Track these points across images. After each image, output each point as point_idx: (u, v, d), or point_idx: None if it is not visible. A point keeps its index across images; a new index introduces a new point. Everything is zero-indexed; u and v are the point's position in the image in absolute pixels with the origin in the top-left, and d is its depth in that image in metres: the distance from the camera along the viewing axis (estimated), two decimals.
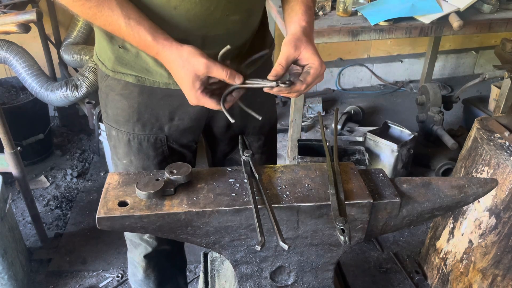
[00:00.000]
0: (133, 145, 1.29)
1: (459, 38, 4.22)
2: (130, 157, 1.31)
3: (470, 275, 1.98)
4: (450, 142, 2.83)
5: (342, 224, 0.93)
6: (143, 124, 1.26)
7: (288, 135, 2.82)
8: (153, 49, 1.00)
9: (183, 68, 0.99)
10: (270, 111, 1.46)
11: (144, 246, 1.45)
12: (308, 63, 1.04)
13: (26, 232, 2.52)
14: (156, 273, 1.54)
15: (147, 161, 1.31)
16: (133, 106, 1.23)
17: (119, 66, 1.19)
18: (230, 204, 0.99)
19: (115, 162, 1.37)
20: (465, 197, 1.11)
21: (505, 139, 1.82)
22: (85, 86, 2.62)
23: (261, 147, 1.46)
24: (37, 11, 2.07)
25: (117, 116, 1.27)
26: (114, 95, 1.24)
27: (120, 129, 1.28)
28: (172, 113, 1.25)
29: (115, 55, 1.18)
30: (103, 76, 1.25)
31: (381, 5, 2.44)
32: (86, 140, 3.35)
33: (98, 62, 1.26)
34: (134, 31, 0.98)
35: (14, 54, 2.53)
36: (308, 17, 1.11)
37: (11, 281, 2.02)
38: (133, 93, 1.21)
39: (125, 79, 1.20)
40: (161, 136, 1.28)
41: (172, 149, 1.32)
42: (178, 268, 1.68)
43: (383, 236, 2.54)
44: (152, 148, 1.29)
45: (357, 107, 3.57)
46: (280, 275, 1.17)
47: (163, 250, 1.48)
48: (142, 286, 1.58)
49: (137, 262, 1.51)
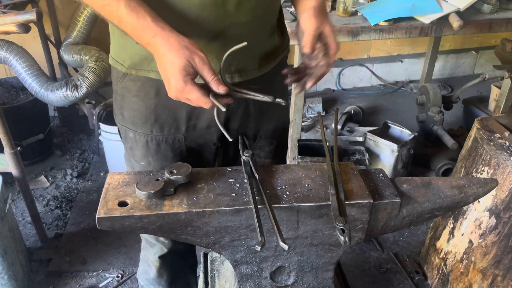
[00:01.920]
0: (151, 147, 1.28)
1: (459, 38, 4.22)
2: (148, 158, 1.30)
3: (470, 275, 1.98)
4: (450, 142, 2.83)
5: (342, 224, 0.93)
6: (160, 125, 1.25)
7: (288, 135, 2.81)
8: (150, 30, 0.96)
9: (178, 52, 0.95)
10: (282, 116, 1.45)
11: (160, 247, 1.44)
12: (327, 41, 1.08)
13: (26, 232, 2.52)
14: (169, 272, 1.53)
15: (165, 162, 1.29)
16: (150, 107, 1.22)
17: (141, 62, 1.17)
18: (230, 204, 0.99)
19: (132, 164, 1.36)
20: (465, 197, 1.11)
21: (505, 139, 1.82)
22: (85, 86, 2.62)
23: (272, 152, 1.44)
24: (37, 11, 2.07)
25: (134, 118, 1.25)
26: (131, 97, 1.23)
27: (137, 131, 1.27)
28: (189, 113, 1.23)
29: (136, 50, 1.14)
30: (119, 78, 1.23)
31: (381, 5, 2.44)
32: (86, 140, 3.35)
33: (115, 63, 1.24)
34: (133, 11, 0.95)
35: (14, 54, 2.53)
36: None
37: (11, 281, 2.02)
38: (150, 94, 1.20)
39: (147, 75, 1.18)
40: (179, 137, 1.27)
41: (190, 150, 1.31)
42: (190, 267, 1.67)
43: (383, 236, 2.54)
44: (171, 149, 1.28)
45: (357, 107, 3.57)
46: (280, 275, 1.17)
47: (177, 250, 1.47)
48: (153, 284, 1.57)
49: (151, 261, 1.50)
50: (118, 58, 1.23)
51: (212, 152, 1.36)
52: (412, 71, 4.29)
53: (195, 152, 1.32)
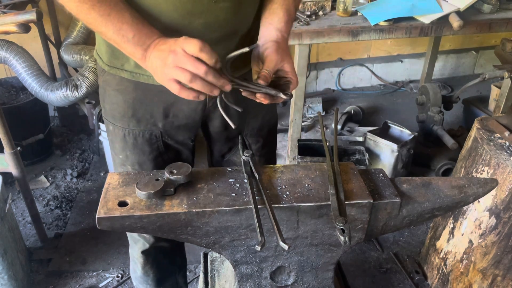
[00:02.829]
0: (128, 140, 1.30)
1: (459, 38, 4.22)
2: (126, 152, 1.32)
3: (470, 275, 1.98)
4: (450, 142, 2.83)
5: (342, 224, 0.93)
6: (137, 119, 1.26)
7: (288, 135, 2.82)
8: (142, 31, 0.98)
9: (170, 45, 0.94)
10: (269, 113, 1.45)
11: (142, 242, 1.46)
12: (287, 77, 1.06)
13: (26, 232, 2.52)
14: (154, 270, 1.54)
15: (142, 156, 1.31)
16: (128, 101, 1.24)
17: (114, 60, 1.20)
18: (230, 204, 0.99)
19: (113, 156, 1.39)
20: (465, 197, 1.11)
21: (505, 139, 1.82)
22: (85, 86, 2.62)
23: (259, 150, 1.46)
24: (37, 11, 2.07)
25: (113, 111, 1.28)
26: (111, 90, 1.26)
27: (116, 124, 1.30)
28: (166, 110, 1.25)
29: (111, 49, 1.18)
30: (101, 71, 1.27)
31: (381, 5, 2.44)
32: (86, 140, 3.35)
33: (97, 57, 1.27)
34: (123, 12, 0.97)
35: (14, 54, 2.53)
36: (289, 29, 1.13)
37: (11, 281, 2.02)
38: (128, 89, 1.22)
39: (120, 74, 1.21)
40: (156, 132, 1.29)
41: (167, 145, 1.32)
42: (178, 266, 1.68)
43: (383, 236, 2.54)
44: (147, 143, 1.30)
45: (357, 107, 3.57)
46: (280, 275, 1.17)
47: (161, 247, 1.49)
48: (141, 283, 1.58)
49: (136, 258, 1.52)
50: (99, 52, 1.26)
51: (190, 149, 1.37)
52: (412, 71, 4.29)
53: (172, 148, 1.34)
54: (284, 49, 1.07)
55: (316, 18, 2.40)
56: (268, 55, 1.04)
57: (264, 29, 1.12)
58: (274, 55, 1.04)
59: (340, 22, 2.37)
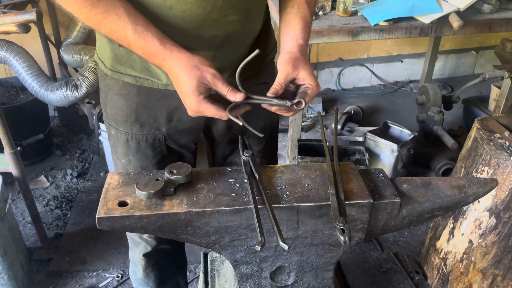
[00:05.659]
0: (131, 145, 1.29)
1: (459, 38, 4.22)
2: (128, 156, 1.31)
3: (470, 275, 1.98)
4: (450, 142, 2.83)
5: (342, 224, 0.93)
6: (141, 124, 1.26)
7: (288, 135, 2.82)
8: (159, 54, 0.99)
9: (189, 73, 0.98)
10: (271, 115, 1.45)
11: (144, 245, 1.45)
12: (305, 83, 1.06)
13: (26, 232, 2.52)
14: (155, 272, 1.54)
15: (145, 160, 1.31)
16: (131, 106, 1.23)
17: (118, 65, 1.19)
18: (230, 204, 0.99)
19: (115, 161, 1.38)
20: (465, 197, 1.11)
21: (505, 139, 1.82)
22: (85, 86, 2.62)
23: (261, 151, 1.46)
24: (37, 11, 2.07)
25: (116, 116, 1.27)
26: (113, 94, 1.24)
27: (118, 129, 1.29)
28: (170, 114, 1.25)
29: (115, 54, 1.17)
30: (103, 75, 1.25)
31: (381, 5, 2.44)
32: (86, 140, 3.35)
33: (98, 61, 1.26)
34: (140, 36, 0.97)
35: (14, 54, 2.53)
36: (306, 35, 1.12)
37: (11, 281, 2.02)
38: (131, 93, 1.22)
39: (124, 79, 1.20)
40: (159, 136, 1.28)
41: (170, 149, 1.32)
42: (178, 267, 1.68)
43: (383, 236, 2.54)
44: (151, 148, 1.29)
45: (357, 107, 3.57)
46: (280, 275, 1.17)
47: (163, 250, 1.48)
48: (142, 285, 1.58)
49: (137, 260, 1.51)
50: (101, 56, 1.25)
51: (193, 152, 1.37)
52: (412, 71, 4.29)
53: (175, 152, 1.34)
54: (298, 58, 1.06)
55: (316, 18, 2.40)
56: (280, 67, 1.06)
57: (282, 41, 1.14)
58: (285, 66, 1.05)
59: (340, 22, 2.37)
